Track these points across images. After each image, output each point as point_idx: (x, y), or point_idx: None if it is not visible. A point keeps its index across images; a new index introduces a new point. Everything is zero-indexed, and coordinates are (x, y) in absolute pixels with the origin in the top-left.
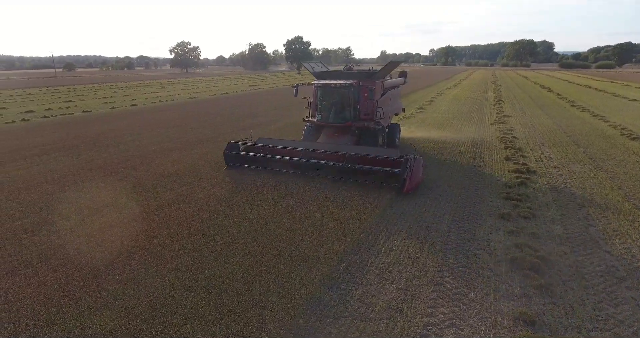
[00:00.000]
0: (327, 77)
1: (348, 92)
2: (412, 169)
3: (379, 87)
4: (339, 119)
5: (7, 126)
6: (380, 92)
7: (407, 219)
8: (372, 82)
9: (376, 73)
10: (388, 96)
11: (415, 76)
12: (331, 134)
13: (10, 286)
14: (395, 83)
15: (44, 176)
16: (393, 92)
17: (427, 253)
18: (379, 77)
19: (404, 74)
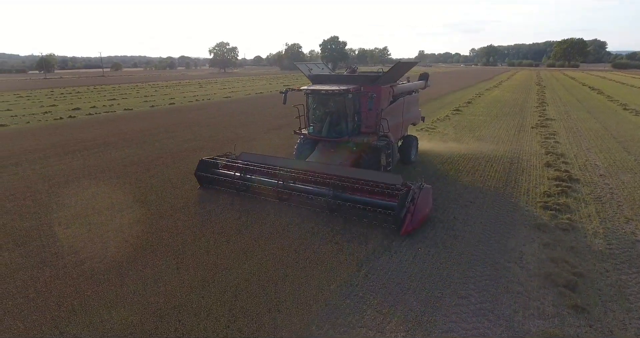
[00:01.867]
0: (324, 81)
1: (344, 101)
2: (416, 203)
3: (386, 93)
4: (333, 133)
5: (55, 122)
6: (387, 100)
7: (435, 226)
8: (376, 87)
9: (381, 77)
10: (400, 103)
11: (454, 77)
12: (326, 151)
13: (41, 276)
14: (411, 88)
15: (82, 171)
16: (408, 99)
17: (453, 263)
18: (386, 81)
19: (425, 77)
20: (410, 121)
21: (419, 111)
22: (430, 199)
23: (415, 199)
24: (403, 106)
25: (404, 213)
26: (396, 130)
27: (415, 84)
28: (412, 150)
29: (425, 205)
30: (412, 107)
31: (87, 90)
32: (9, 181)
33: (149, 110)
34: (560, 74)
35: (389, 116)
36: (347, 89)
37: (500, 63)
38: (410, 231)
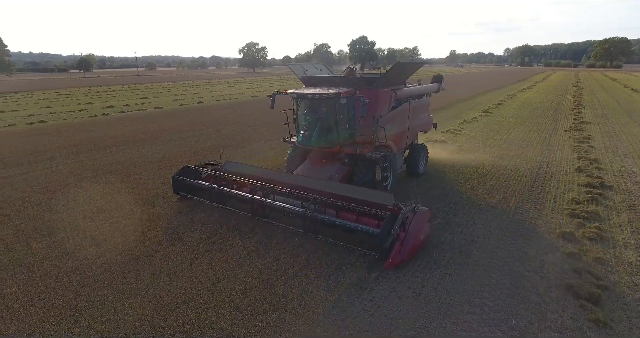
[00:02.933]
0: (317, 83)
1: (334, 106)
2: (408, 229)
3: (386, 97)
4: (322, 142)
5: (89, 119)
6: (388, 105)
7: (452, 230)
8: (373, 91)
9: (379, 79)
10: (404, 109)
11: (485, 77)
12: (317, 162)
13: (63, 267)
14: (420, 91)
15: (110, 166)
16: (416, 104)
17: (468, 269)
18: (386, 84)
19: (439, 79)
20: (419, 128)
21: (430, 117)
22: (426, 224)
23: (407, 225)
24: (409, 112)
25: (389, 241)
26: (399, 139)
27: (425, 88)
28: (420, 161)
29: (420, 231)
30: (421, 113)
31: (121, 89)
32: (43, 174)
33: (177, 108)
34: (600, 75)
35: (390, 123)
36: (338, 92)
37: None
38: (399, 263)
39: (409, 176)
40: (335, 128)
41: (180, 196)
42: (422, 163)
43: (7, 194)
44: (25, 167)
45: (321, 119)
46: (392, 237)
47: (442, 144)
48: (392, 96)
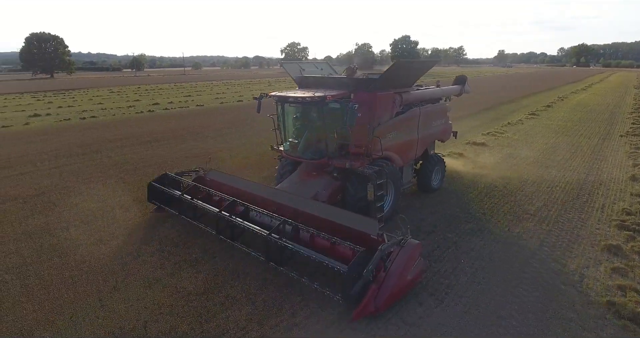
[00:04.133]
0: (312, 85)
1: (322, 111)
2: (390, 269)
3: (387, 102)
4: (309, 153)
5: (136, 115)
6: (390, 110)
7: (484, 237)
8: (370, 95)
9: (378, 80)
10: (413, 115)
11: (535, 78)
12: (305, 175)
13: (96, 253)
14: (435, 94)
15: (150, 160)
16: (429, 109)
17: (498, 279)
18: (384, 86)
19: (462, 80)
20: (434, 137)
21: (449, 124)
22: (416, 261)
23: (389, 263)
24: (419, 118)
25: (360, 284)
26: (406, 150)
27: (443, 90)
28: (433, 174)
29: (406, 271)
30: (437, 119)
31: (168, 87)
32: (88, 166)
33: (218, 106)
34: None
35: (393, 132)
36: (324, 96)
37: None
38: (372, 313)
39: (425, 192)
40: (323, 136)
41: (157, 206)
42: (436, 176)
43: (55, 183)
44: (74, 158)
45: (309, 126)
46: (368, 278)
47: (481, 147)
48: (397, 100)
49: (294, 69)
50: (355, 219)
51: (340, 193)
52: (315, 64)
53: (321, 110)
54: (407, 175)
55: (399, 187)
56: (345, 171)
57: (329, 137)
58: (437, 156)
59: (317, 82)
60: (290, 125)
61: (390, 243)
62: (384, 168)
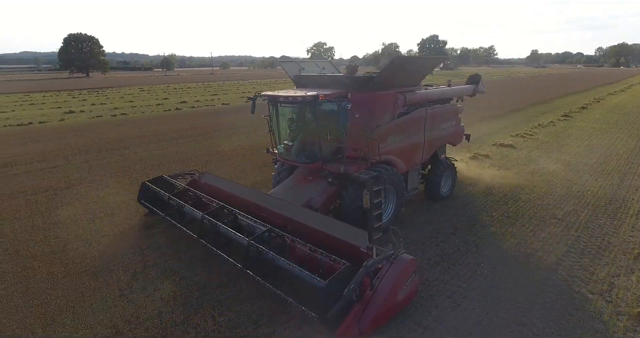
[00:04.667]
0: (308, 84)
1: (315, 112)
2: (378, 287)
3: (387, 102)
4: (303, 156)
5: (164, 113)
6: (391, 111)
7: (507, 241)
8: (369, 94)
9: (374, 79)
10: (418, 116)
11: (570, 79)
12: (301, 180)
13: (118, 244)
14: (444, 94)
15: (174, 156)
16: (437, 110)
17: (520, 285)
18: (383, 85)
19: (475, 80)
20: (444, 140)
21: (460, 126)
22: (407, 280)
23: (378, 280)
24: (425, 120)
25: (342, 303)
26: (410, 154)
27: (453, 90)
28: (442, 180)
29: (397, 290)
30: (446, 121)
31: (196, 86)
32: (115, 161)
33: (243, 105)
34: None
35: (395, 135)
36: (316, 95)
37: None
38: (355, 335)
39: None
40: (317, 139)
41: (148, 210)
42: (445, 183)
43: (84, 176)
44: (103, 154)
45: (304, 127)
46: (350, 297)
47: (508, 149)
48: (399, 100)
49: (293, 67)
50: (345, 229)
51: (336, 200)
52: (317, 62)
53: (314, 110)
54: (412, 181)
55: (401, 194)
56: (341, 177)
57: (322, 139)
58: (447, 160)
59: (315, 81)
60: (286, 127)
61: (377, 259)
62: (382, 174)
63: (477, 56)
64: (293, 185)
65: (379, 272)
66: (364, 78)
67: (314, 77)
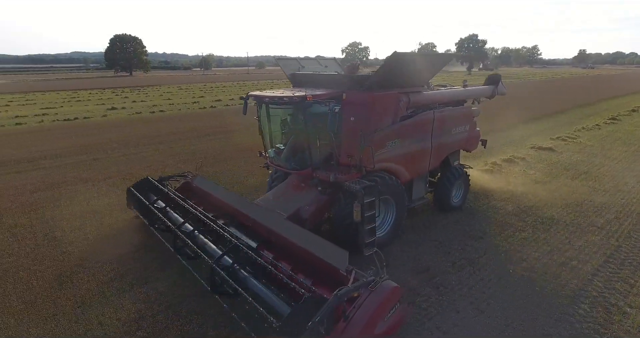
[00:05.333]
0: (304, 83)
1: (304, 114)
2: (353, 318)
3: (387, 104)
4: (292, 162)
5: (199, 111)
6: (392, 114)
7: (539, 248)
8: (366, 95)
9: (370, 78)
10: (424, 120)
11: (619, 80)
12: (294, 186)
13: (148, 240)
14: (457, 96)
15: (206, 152)
16: (448, 113)
17: (549, 294)
18: (381, 85)
19: (495, 80)
20: (456, 145)
21: (475, 131)
22: (388, 311)
23: (352, 311)
24: (433, 124)
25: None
26: (415, 161)
27: (469, 91)
28: (453, 190)
29: (375, 322)
30: (458, 125)
31: (231, 85)
32: (151, 155)
33: None
34: None
35: (396, 140)
36: (304, 96)
37: None
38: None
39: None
40: (307, 143)
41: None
42: (457, 193)
43: (121, 169)
44: (140, 148)
45: (294, 132)
46: (315, 332)
47: (547, 152)
48: (401, 102)
49: (291, 66)
50: (327, 247)
51: (328, 210)
52: (320, 61)
53: (304, 112)
54: (418, 190)
55: (402, 206)
56: (333, 185)
57: (312, 144)
58: (459, 168)
59: (311, 80)
60: (279, 129)
61: (352, 287)
62: (378, 183)
63: (519, 56)
64: (284, 192)
65: (355, 301)
66: (360, 77)
67: (310, 76)
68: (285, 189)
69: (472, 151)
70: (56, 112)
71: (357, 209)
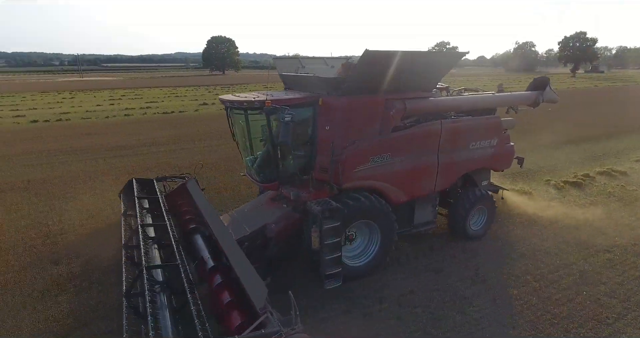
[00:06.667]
0: (293, 85)
1: (268, 121)
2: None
3: (366, 111)
4: (260, 174)
5: None
6: (372, 124)
7: (625, 272)
8: (341, 100)
9: (345, 80)
10: (426, 132)
11: None
12: (270, 199)
13: None
14: (481, 103)
15: None
16: (463, 124)
17: (633, 322)
18: (358, 88)
19: (542, 84)
20: (475, 163)
21: (506, 146)
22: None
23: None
24: (440, 137)
25: None
26: (413, 180)
27: (500, 98)
28: (470, 216)
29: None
30: (479, 138)
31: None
32: (230, 148)
33: None
34: None
35: (383, 155)
36: (261, 100)
37: None
38: None
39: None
40: (273, 154)
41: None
42: (477, 219)
43: (204, 158)
44: (223, 140)
45: (265, 140)
46: None
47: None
48: (394, 110)
49: (289, 66)
50: (253, 278)
51: (295, 230)
52: (327, 60)
53: (267, 119)
54: (423, 214)
55: (390, 232)
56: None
57: (275, 155)
58: (482, 190)
59: (297, 81)
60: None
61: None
62: (350, 205)
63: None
64: (257, 205)
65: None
66: (336, 80)
67: (300, 77)
68: (260, 203)
69: (502, 170)
70: (157, 106)
71: (315, 235)
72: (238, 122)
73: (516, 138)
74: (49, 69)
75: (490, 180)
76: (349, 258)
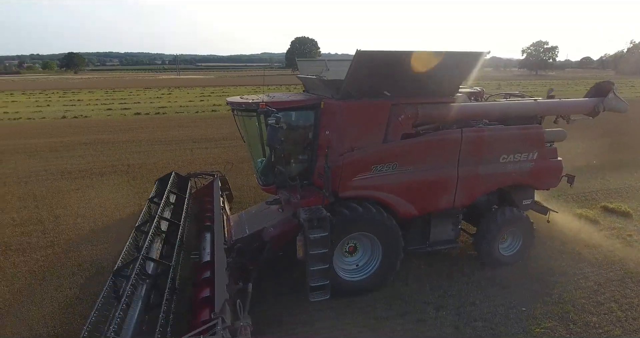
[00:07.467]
0: (309, 88)
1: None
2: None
3: (368, 116)
4: (262, 177)
5: None
6: (377, 130)
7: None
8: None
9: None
10: (445, 141)
11: None
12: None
13: None
14: (520, 110)
15: None
16: (490, 134)
17: None
18: (355, 91)
19: (604, 90)
20: (508, 179)
21: (552, 161)
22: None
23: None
24: (460, 147)
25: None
26: (423, 193)
27: (546, 105)
28: (500, 239)
29: None
30: (511, 151)
31: None
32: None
33: None
34: None
35: (389, 164)
36: (258, 103)
37: None
38: None
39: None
40: (268, 157)
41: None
42: (512, 244)
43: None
44: None
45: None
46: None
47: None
48: (403, 115)
49: (314, 68)
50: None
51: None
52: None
53: (265, 121)
54: (442, 231)
55: (394, 247)
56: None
57: (277, 157)
58: (517, 211)
59: (314, 84)
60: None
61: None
62: (341, 216)
63: None
64: (263, 208)
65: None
66: (334, 82)
67: (308, 79)
68: (267, 206)
69: (546, 189)
70: None
71: (300, 244)
72: (242, 125)
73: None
74: (152, 68)
75: (534, 199)
76: (346, 271)
